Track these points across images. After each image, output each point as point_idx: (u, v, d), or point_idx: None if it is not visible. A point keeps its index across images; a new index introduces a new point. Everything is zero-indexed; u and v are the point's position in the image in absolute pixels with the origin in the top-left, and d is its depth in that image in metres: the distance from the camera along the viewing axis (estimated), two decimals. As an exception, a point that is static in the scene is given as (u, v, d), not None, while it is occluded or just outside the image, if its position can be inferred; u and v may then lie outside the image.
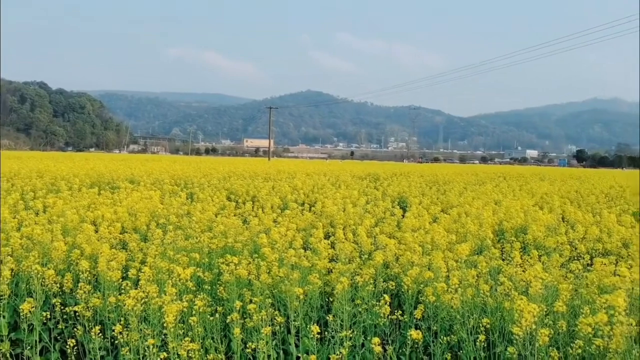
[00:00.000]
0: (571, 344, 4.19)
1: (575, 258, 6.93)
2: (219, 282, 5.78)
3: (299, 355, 5.00)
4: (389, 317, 4.96)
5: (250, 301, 5.09)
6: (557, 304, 4.35)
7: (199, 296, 5.00)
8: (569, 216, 10.66)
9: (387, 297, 4.90)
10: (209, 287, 5.71)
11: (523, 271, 5.71)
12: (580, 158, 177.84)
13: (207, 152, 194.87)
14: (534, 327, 4.03)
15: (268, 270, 5.66)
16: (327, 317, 4.99)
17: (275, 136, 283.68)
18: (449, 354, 4.93)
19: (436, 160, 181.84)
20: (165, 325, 4.33)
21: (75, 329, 5.37)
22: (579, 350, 4.14)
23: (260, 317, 4.67)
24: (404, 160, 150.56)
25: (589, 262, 6.55)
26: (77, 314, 5.29)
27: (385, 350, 4.68)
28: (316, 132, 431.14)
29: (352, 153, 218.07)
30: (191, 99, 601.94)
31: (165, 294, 4.72)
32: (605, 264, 5.88)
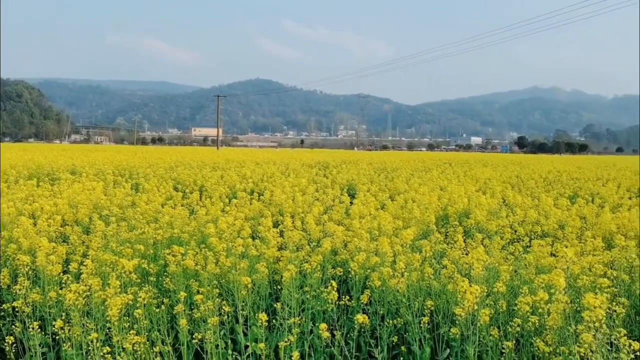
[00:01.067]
0: (510, 322, 4.37)
1: (516, 240, 7.21)
2: (165, 273, 5.68)
3: (248, 344, 4.99)
4: (337, 303, 5.02)
5: (198, 292, 5.04)
6: (497, 284, 4.52)
7: (144, 288, 4.90)
8: (510, 200, 11.05)
9: (334, 283, 4.95)
10: (155, 279, 5.60)
11: (466, 254, 5.91)
12: (521, 144, 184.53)
13: (154, 141, 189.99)
14: (475, 307, 4.16)
15: (215, 260, 5.60)
16: (275, 305, 5.00)
17: (224, 125, 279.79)
18: (396, 337, 5.05)
19: (385, 147, 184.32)
20: (109, 319, 4.23)
21: (13, 326, 5.16)
22: (518, 328, 4.32)
23: (207, 307, 4.62)
24: (355, 148, 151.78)
25: (528, 243, 6.82)
26: (15, 310, 5.08)
27: (333, 335, 4.73)
28: (266, 121, 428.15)
29: (302, 141, 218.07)
30: (135, 87, 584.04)
31: (109, 287, 4.60)
32: (542, 246, 6.14)
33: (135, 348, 4.25)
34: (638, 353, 3.35)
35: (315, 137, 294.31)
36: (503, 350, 4.27)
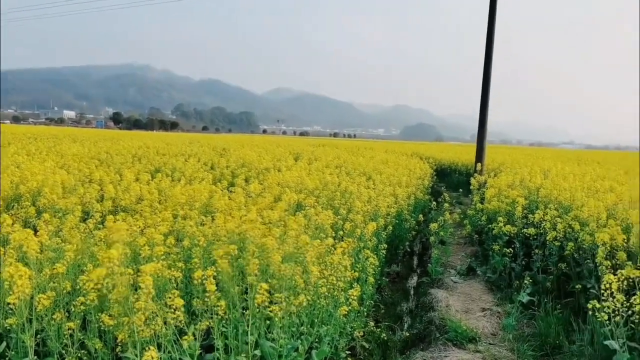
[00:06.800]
0: (74, 302, 4.25)
1: (92, 216, 7.07)
2: None
3: None
4: None
5: None
6: (58, 265, 4.32)
7: None
8: (95, 176, 10.81)
9: None
10: None
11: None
12: (117, 120, 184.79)
13: None
14: (30, 293, 3.86)
15: None
16: None
17: None
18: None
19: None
20: None
21: None
22: (82, 307, 4.23)
23: None
24: None
25: (103, 219, 6.77)
26: None
27: None
28: None
29: None
30: None
31: None
32: (118, 220, 6.20)
33: None
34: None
35: None
36: (67, 332, 4.13)
